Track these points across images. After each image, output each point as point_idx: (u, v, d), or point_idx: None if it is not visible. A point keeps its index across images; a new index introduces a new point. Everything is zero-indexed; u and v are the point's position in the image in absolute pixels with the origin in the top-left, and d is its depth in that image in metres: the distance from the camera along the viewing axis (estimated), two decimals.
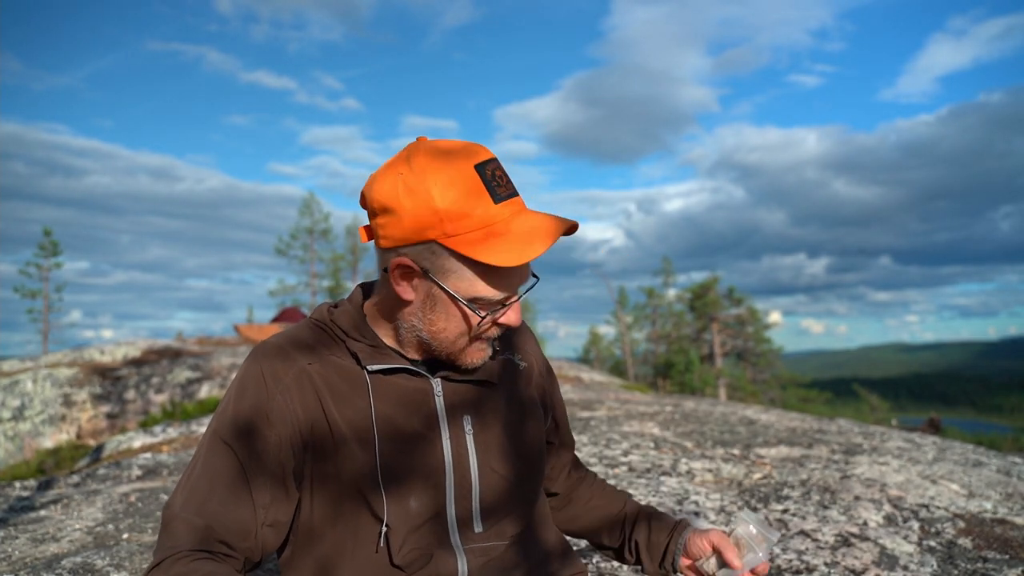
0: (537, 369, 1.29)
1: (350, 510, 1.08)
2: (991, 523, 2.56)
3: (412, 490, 1.08)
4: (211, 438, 1.08)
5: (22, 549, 2.33)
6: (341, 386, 1.09)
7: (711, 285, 33.01)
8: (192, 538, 1.00)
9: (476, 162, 1.01)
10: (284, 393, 1.06)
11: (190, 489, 1.05)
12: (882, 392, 39.41)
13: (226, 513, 1.02)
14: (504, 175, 1.03)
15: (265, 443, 1.05)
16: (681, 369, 30.02)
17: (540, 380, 1.30)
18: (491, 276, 1.03)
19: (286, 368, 1.08)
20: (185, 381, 12.02)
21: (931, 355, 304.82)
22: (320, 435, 1.07)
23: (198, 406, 9.93)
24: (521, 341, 1.29)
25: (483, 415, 1.15)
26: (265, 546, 1.07)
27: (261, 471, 1.05)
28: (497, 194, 1.00)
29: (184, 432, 5.66)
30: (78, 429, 11.09)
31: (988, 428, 32.69)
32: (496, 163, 1.03)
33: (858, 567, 2.11)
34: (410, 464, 1.09)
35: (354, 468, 1.07)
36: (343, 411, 1.08)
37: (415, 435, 1.09)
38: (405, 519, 1.07)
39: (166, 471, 3.82)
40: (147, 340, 14.26)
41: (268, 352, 1.10)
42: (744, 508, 1.05)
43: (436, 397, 1.11)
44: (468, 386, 1.15)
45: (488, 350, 1.12)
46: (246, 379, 1.09)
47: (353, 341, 1.11)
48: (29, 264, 28.68)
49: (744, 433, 4.38)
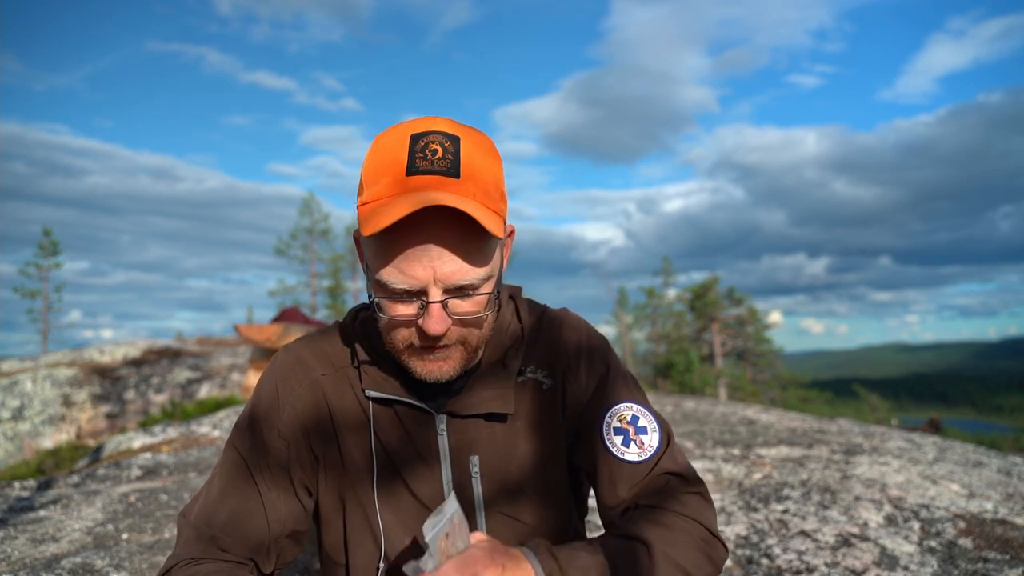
0: (571, 384, 1.07)
1: (360, 536, 1.05)
2: (991, 523, 2.55)
3: (411, 531, 1.03)
4: (227, 446, 1.07)
5: (22, 549, 2.33)
6: (350, 406, 1.04)
7: (711, 285, 33.00)
8: (199, 545, 1.00)
9: (417, 131, 0.90)
10: (295, 405, 1.05)
11: (204, 497, 1.04)
12: (882, 392, 39.42)
13: (236, 522, 1.01)
14: (442, 151, 0.89)
15: (275, 453, 1.04)
16: (681, 369, 30.00)
17: (576, 397, 1.06)
18: (381, 249, 0.90)
19: (299, 379, 1.06)
20: (185, 381, 12.02)
21: (931, 355, 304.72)
22: (329, 451, 1.05)
23: (198, 406, 9.93)
24: (551, 348, 1.09)
25: (493, 454, 1.03)
26: (283, 556, 1.05)
27: (272, 481, 1.04)
28: (415, 166, 0.88)
29: (184, 432, 5.66)
30: (78, 429, 11.09)
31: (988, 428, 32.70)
32: (443, 138, 0.90)
33: (858, 567, 2.11)
34: (409, 506, 1.03)
35: (356, 496, 1.04)
36: (346, 435, 1.04)
37: (415, 476, 1.02)
38: (404, 559, 1.02)
39: (166, 471, 3.82)
40: (147, 340, 14.27)
41: (286, 360, 1.08)
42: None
43: (439, 436, 1.02)
44: (478, 422, 1.02)
45: (434, 364, 0.95)
46: (261, 388, 1.08)
47: (363, 355, 1.04)
48: (29, 264, 28.67)
49: (744, 433, 4.37)
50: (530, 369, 1.07)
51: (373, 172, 0.91)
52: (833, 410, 26.75)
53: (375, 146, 0.93)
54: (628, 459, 1.01)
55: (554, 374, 1.07)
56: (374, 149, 0.92)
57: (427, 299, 0.90)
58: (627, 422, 1.03)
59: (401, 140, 0.90)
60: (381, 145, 0.92)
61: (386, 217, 0.84)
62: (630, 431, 1.03)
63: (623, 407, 1.05)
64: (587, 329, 1.12)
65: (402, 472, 1.02)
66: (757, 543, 2.31)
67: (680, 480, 1.01)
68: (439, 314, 0.90)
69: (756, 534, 2.39)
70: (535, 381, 1.06)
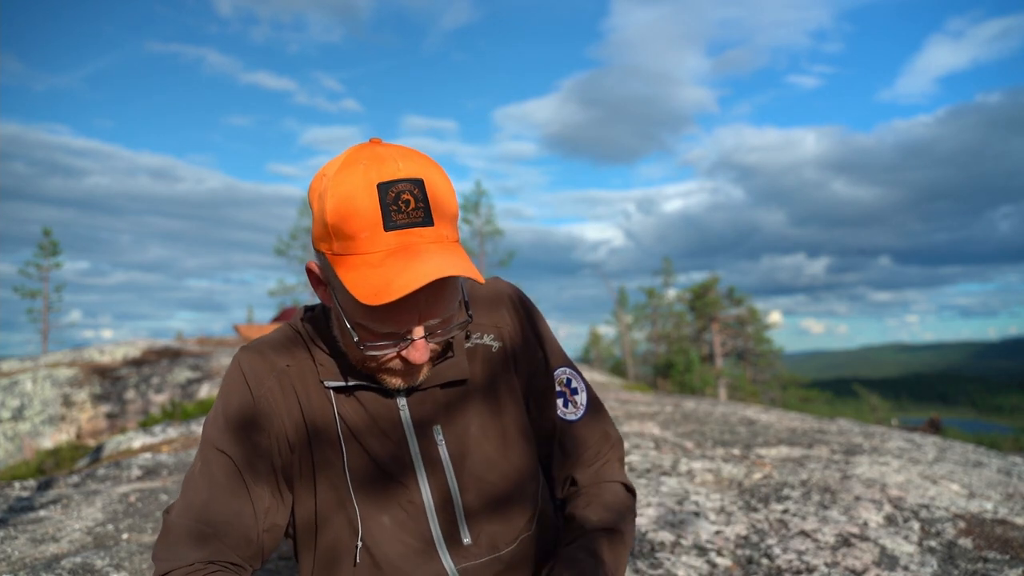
0: (512, 341, 1.15)
1: (333, 517, 1.07)
2: (992, 523, 2.55)
3: (385, 508, 1.06)
4: (204, 446, 1.07)
5: (22, 549, 2.33)
6: (314, 394, 1.07)
7: (711, 285, 33.01)
8: (195, 548, 1.00)
9: (384, 180, 0.90)
10: (268, 394, 1.06)
11: (190, 495, 1.04)
12: (882, 392, 39.43)
13: (227, 520, 1.02)
14: (414, 200, 0.90)
15: (257, 447, 1.05)
16: (681, 369, 30.01)
17: (521, 352, 1.16)
18: (368, 308, 0.92)
19: (266, 370, 1.08)
20: (185, 381, 12.02)
21: (931, 355, 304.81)
22: (302, 436, 1.07)
23: (198, 406, 9.93)
24: (492, 315, 1.16)
25: (455, 420, 1.09)
26: (264, 551, 1.06)
27: (257, 476, 1.05)
28: (392, 220, 0.89)
29: (184, 432, 5.66)
30: (78, 429, 11.09)
31: (988, 428, 32.69)
32: (411, 185, 0.90)
33: (858, 567, 2.11)
34: (380, 482, 1.06)
35: (328, 480, 1.06)
36: (315, 421, 1.07)
37: (383, 453, 1.06)
38: (381, 535, 1.05)
39: (166, 471, 3.81)
40: (147, 340, 14.27)
41: (248, 356, 1.10)
42: None
43: (401, 411, 1.07)
44: (435, 391, 1.08)
45: (408, 377, 1.02)
46: (230, 385, 1.09)
47: (317, 349, 1.08)
48: (29, 264, 28.70)
49: (744, 433, 4.37)
50: (476, 335, 1.13)
51: (344, 222, 0.90)
52: (833, 410, 26.76)
53: (337, 191, 0.91)
54: (568, 418, 1.18)
55: (501, 337, 1.15)
56: (338, 195, 0.90)
57: (411, 336, 0.96)
58: (564, 384, 1.19)
59: (368, 189, 0.90)
60: (345, 192, 0.90)
61: (394, 290, 0.86)
62: (567, 393, 1.20)
63: (560, 372, 1.20)
64: (517, 292, 1.22)
65: (370, 451, 1.06)
66: (757, 543, 2.31)
67: (608, 442, 1.22)
68: (424, 346, 0.96)
69: (756, 534, 2.39)
70: (484, 345, 1.13)
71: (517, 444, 1.13)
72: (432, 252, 0.90)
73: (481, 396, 1.11)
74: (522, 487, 1.13)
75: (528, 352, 1.17)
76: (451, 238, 0.94)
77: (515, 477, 1.12)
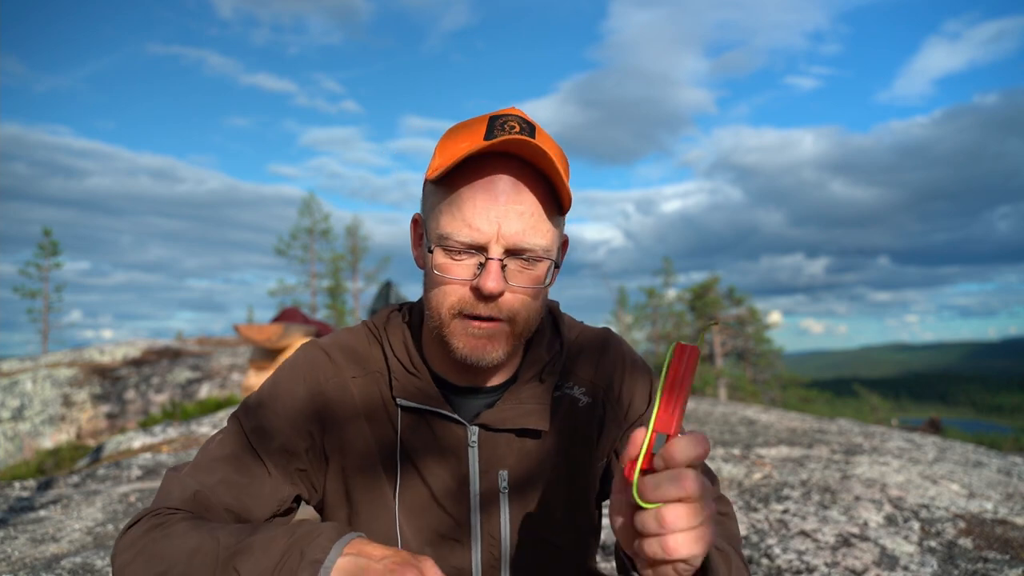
0: (612, 408, 1.06)
1: (371, 538, 1.01)
2: (991, 523, 2.55)
3: (430, 541, 1.01)
4: (232, 420, 1.02)
5: (22, 549, 2.33)
6: (378, 410, 1.02)
7: (711, 285, 33.01)
8: (181, 498, 0.94)
9: (496, 113, 0.93)
10: (316, 399, 1.01)
11: (200, 457, 1.00)
12: (882, 392, 39.40)
13: (227, 486, 0.96)
14: (520, 127, 0.89)
15: (282, 440, 0.99)
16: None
17: (618, 422, 1.06)
18: (450, 204, 0.90)
19: (327, 376, 1.02)
20: (185, 381, 12.02)
21: (931, 355, 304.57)
22: (346, 450, 1.01)
23: (198, 406, 9.93)
24: (591, 367, 1.07)
25: (523, 469, 1.01)
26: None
27: (271, 463, 0.99)
28: (494, 135, 0.88)
29: (184, 432, 5.66)
30: (78, 429, 11.09)
31: (988, 428, 32.64)
32: (519, 119, 0.91)
33: (858, 567, 2.11)
34: (431, 513, 1.00)
35: (374, 499, 1.01)
36: (370, 438, 1.01)
37: (440, 485, 1.00)
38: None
39: (166, 471, 3.82)
40: (147, 340, 14.27)
41: (314, 354, 1.04)
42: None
43: (470, 448, 1.00)
44: (509, 436, 1.00)
45: (478, 347, 0.93)
46: (283, 376, 1.03)
47: (395, 361, 1.02)
48: (29, 264, 28.65)
49: (744, 433, 4.37)
50: (567, 385, 1.05)
51: (449, 143, 0.92)
52: (833, 410, 26.72)
53: (452, 128, 0.95)
54: None
55: (594, 393, 1.06)
56: (451, 129, 0.95)
57: (487, 255, 0.90)
58: None
59: (480, 119, 0.93)
60: (459, 125, 0.95)
61: (463, 152, 0.86)
62: None
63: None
64: (631, 352, 1.11)
65: (428, 481, 1.00)
66: (757, 543, 2.31)
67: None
68: (497, 272, 0.90)
69: (756, 534, 2.39)
70: (571, 397, 1.05)
71: (583, 508, 1.06)
72: (519, 143, 0.87)
73: (555, 452, 1.03)
74: (579, 552, 1.08)
75: (617, 418, 1.07)
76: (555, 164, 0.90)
77: (572, 537, 1.06)
